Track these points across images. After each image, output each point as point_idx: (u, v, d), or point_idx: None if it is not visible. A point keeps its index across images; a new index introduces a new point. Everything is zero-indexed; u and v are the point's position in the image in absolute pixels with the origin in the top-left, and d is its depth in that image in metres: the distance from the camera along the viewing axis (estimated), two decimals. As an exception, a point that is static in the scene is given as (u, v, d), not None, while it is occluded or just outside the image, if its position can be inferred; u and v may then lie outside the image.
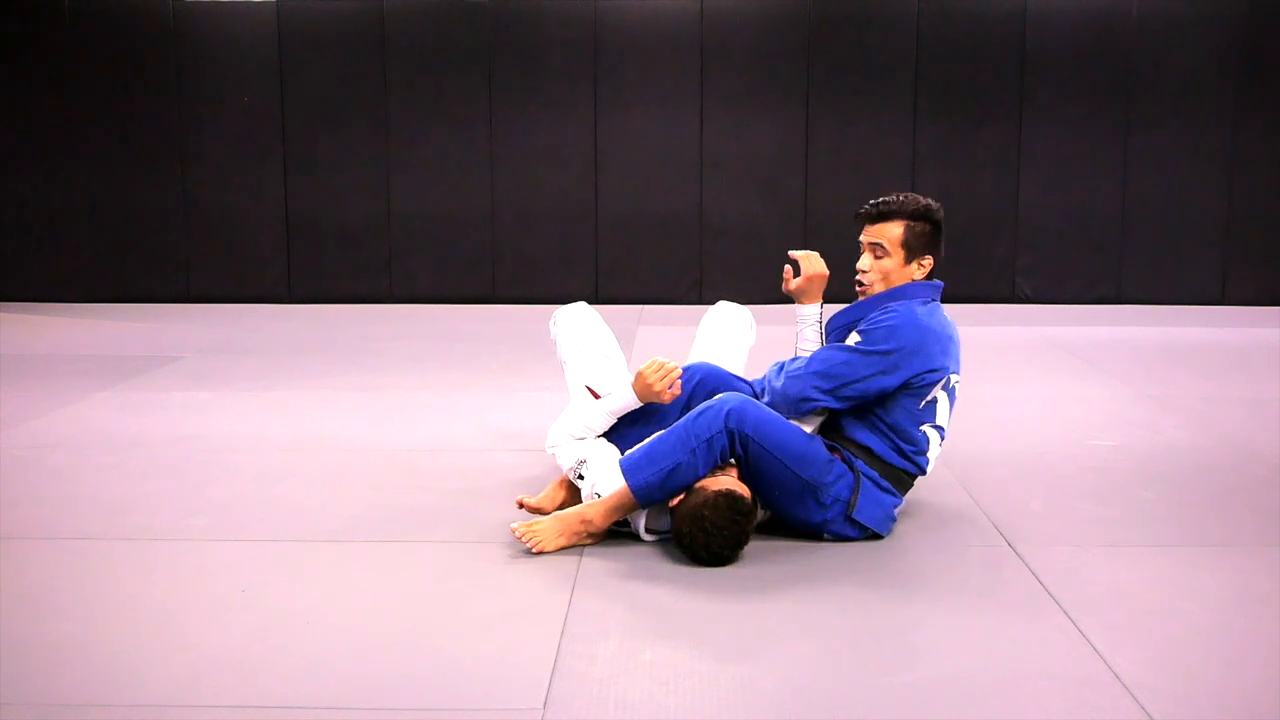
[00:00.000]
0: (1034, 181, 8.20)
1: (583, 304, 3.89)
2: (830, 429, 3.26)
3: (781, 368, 3.28)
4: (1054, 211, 8.22)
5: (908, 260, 3.26)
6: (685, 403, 3.34)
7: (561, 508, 3.30)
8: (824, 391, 3.13)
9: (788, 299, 3.43)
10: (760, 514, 3.19)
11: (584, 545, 3.15)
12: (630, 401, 3.35)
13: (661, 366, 3.29)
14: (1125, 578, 3.01)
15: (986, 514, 3.48)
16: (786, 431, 3.11)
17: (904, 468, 3.21)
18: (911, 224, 3.25)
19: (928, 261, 3.28)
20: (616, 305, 7.91)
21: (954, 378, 3.23)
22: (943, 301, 3.40)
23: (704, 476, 3.07)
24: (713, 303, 3.99)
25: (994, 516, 3.46)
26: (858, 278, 3.29)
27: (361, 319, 7.55)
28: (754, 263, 8.20)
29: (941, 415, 3.22)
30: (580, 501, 3.27)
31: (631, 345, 6.32)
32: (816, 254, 3.37)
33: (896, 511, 3.26)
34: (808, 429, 3.23)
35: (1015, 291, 8.26)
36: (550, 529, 3.14)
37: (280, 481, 3.84)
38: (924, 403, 3.17)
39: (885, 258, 3.25)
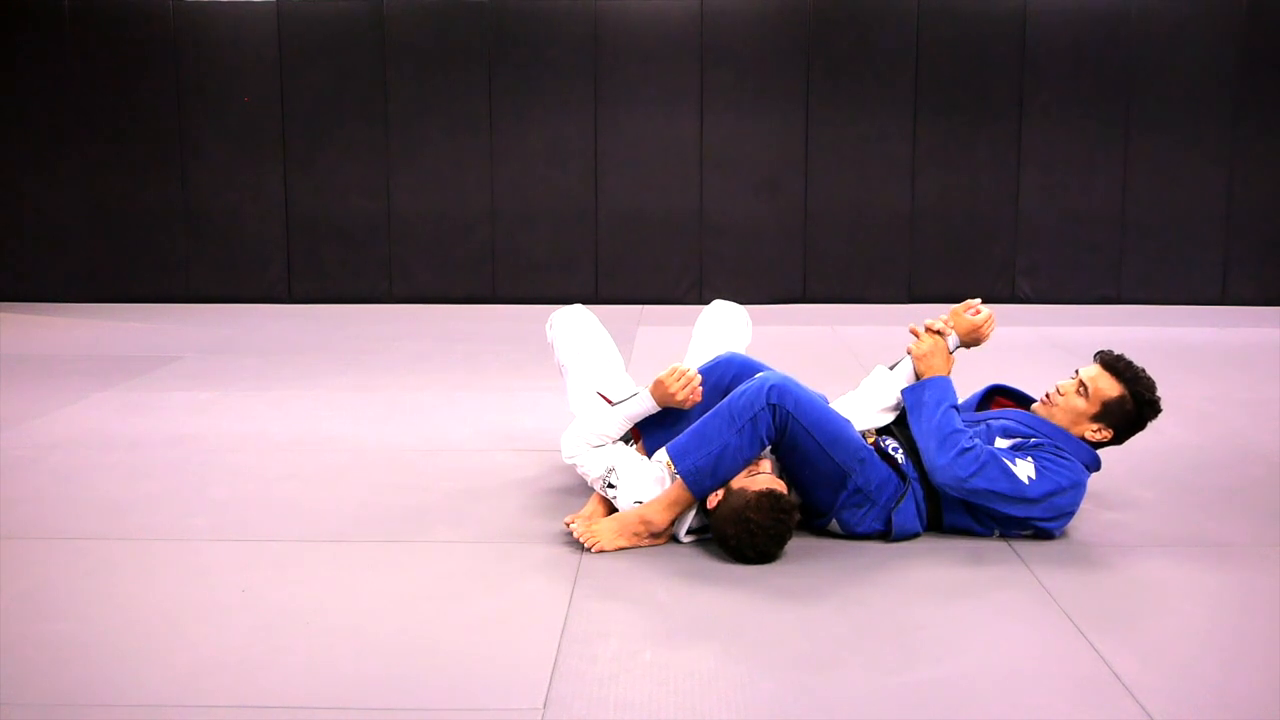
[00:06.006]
0: (1034, 181, 8.20)
1: (579, 306, 3.88)
2: (907, 441, 3.27)
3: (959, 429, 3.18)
4: (1054, 211, 8.23)
5: (1094, 418, 3.25)
6: (723, 394, 3.33)
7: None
8: (972, 483, 3.09)
9: (787, 299, 3.44)
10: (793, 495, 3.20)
11: (644, 546, 3.15)
12: (649, 407, 3.33)
13: (684, 375, 3.28)
14: (1125, 578, 3.01)
15: (986, 514, 3.48)
16: (825, 413, 3.13)
17: (941, 508, 3.23)
18: (1127, 396, 3.24)
19: (1107, 434, 3.27)
20: (616, 305, 7.91)
21: (1042, 529, 3.24)
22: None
23: (752, 459, 3.09)
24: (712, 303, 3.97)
25: (994, 516, 3.46)
26: (1052, 392, 3.31)
27: (361, 319, 7.55)
28: (754, 263, 8.20)
29: (996, 525, 3.24)
30: (614, 513, 3.26)
31: (631, 345, 6.32)
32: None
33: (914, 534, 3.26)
34: (875, 421, 3.30)
35: (1015, 291, 8.27)
36: (609, 529, 3.14)
37: (280, 481, 3.84)
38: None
39: (1081, 398, 3.25)
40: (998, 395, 3.54)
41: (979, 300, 3.46)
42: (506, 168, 8.20)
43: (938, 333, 3.37)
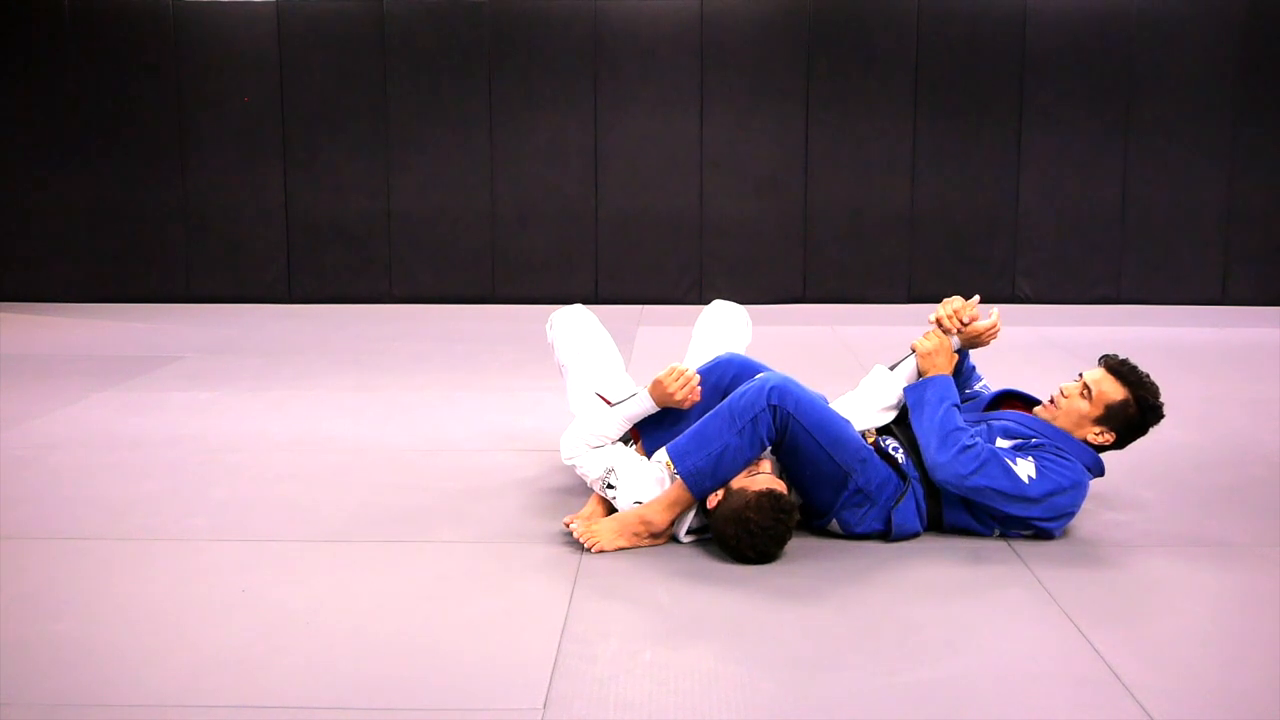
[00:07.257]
0: (1034, 182, 8.20)
1: (579, 306, 3.88)
2: (908, 440, 3.27)
3: (960, 423, 3.18)
4: (1054, 212, 8.22)
5: (1097, 421, 3.24)
6: (723, 395, 3.32)
7: None
8: (972, 481, 3.09)
9: (787, 299, 3.44)
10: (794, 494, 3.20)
11: (644, 546, 3.14)
12: (648, 407, 3.33)
13: (682, 374, 3.28)
14: (1125, 578, 3.01)
15: (986, 514, 3.48)
16: (826, 414, 3.13)
17: (941, 507, 3.23)
18: (1130, 400, 3.23)
19: (1109, 437, 3.26)
20: (616, 305, 7.91)
21: (1042, 529, 3.24)
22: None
23: (752, 459, 3.09)
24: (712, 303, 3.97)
25: (994, 516, 3.46)
26: (1056, 395, 3.31)
27: (361, 319, 7.55)
28: (754, 263, 8.20)
29: (997, 524, 3.24)
30: (614, 513, 3.25)
31: (631, 345, 6.32)
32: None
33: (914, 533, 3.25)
34: (875, 420, 3.31)
35: (1015, 291, 8.27)
36: (609, 529, 3.13)
37: (280, 481, 3.84)
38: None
39: (1084, 401, 3.25)
40: (1009, 399, 3.53)
41: (977, 298, 3.45)
42: (506, 168, 8.20)
43: (946, 331, 3.37)
